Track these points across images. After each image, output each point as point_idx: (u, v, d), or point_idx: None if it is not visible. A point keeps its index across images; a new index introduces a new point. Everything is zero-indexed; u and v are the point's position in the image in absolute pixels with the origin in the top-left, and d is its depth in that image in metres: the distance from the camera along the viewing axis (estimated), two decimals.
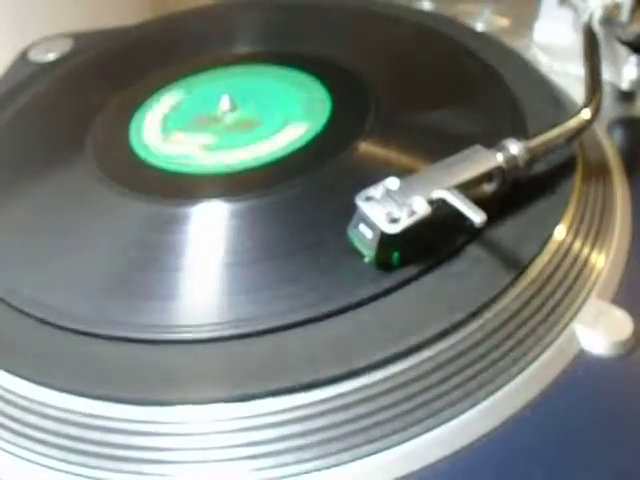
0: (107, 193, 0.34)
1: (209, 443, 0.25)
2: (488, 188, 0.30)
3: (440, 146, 0.31)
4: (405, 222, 0.27)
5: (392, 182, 0.28)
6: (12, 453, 0.27)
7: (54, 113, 0.42)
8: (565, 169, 0.32)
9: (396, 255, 0.28)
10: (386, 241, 0.27)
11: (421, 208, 0.27)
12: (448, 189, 0.28)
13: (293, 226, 0.31)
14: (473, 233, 0.29)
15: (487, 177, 0.29)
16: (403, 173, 0.29)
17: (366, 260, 0.28)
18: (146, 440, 0.26)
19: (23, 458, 0.27)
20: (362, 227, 0.28)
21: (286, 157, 0.34)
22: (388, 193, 0.28)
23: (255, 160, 0.34)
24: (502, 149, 0.30)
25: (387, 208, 0.27)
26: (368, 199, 0.28)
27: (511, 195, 0.31)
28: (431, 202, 0.27)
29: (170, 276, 0.30)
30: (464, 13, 0.49)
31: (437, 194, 0.28)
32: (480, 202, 0.27)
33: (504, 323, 0.27)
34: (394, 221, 0.27)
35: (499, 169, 0.29)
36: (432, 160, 0.30)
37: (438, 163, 0.29)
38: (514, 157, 0.29)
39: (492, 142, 0.30)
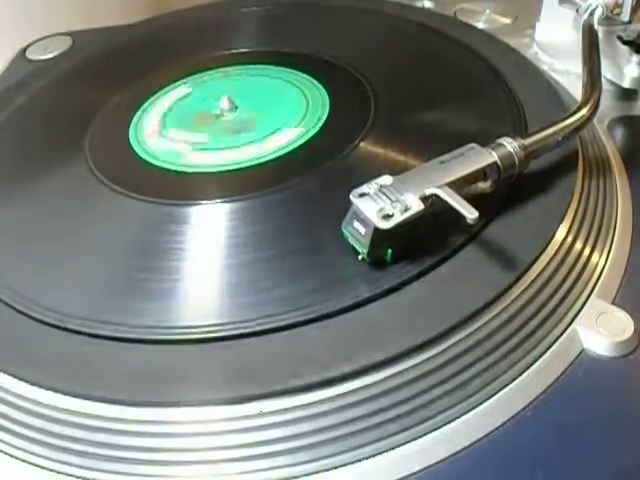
0: (106, 193, 0.34)
1: (206, 444, 0.25)
2: (483, 186, 0.30)
3: (440, 145, 0.30)
4: (398, 218, 0.27)
5: (386, 179, 0.28)
6: (8, 454, 0.27)
7: (52, 112, 0.42)
8: (566, 169, 0.32)
9: (389, 252, 0.28)
10: (379, 237, 0.27)
11: (414, 204, 0.27)
12: (441, 186, 0.28)
13: (292, 226, 0.31)
14: (473, 233, 0.29)
15: (482, 175, 0.29)
16: (403, 172, 0.29)
17: (360, 257, 0.28)
18: (143, 441, 0.26)
19: (19, 459, 0.27)
20: (356, 223, 0.28)
21: (285, 157, 0.34)
22: (382, 190, 0.28)
23: (254, 160, 0.34)
24: (497, 147, 0.30)
25: (380, 204, 0.27)
26: (362, 196, 0.28)
27: (511, 195, 0.30)
28: (424, 199, 0.27)
29: (168, 277, 0.30)
30: (465, 12, 0.49)
31: (430, 191, 0.28)
32: (480, 201, 0.27)
33: (505, 324, 0.27)
34: (387, 217, 0.27)
35: (494, 167, 0.29)
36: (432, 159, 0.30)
37: (432, 160, 0.29)
38: (509, 155, 0.29)
39: (492, 141, 0.30)
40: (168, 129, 0.38)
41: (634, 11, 0.39)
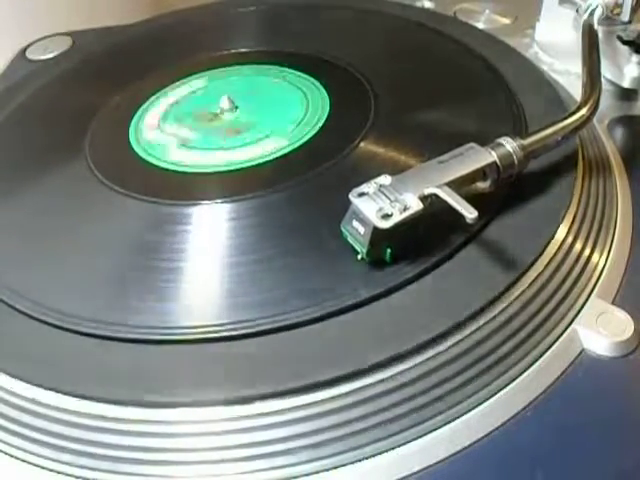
0: (106, 193, 0.34)
1: (207, 444, 0.25)
2: (483, 186, 0.30)
3: (440, 145, 0.30)
4: (397, 218, 0.27)
5: (385, 179, 0.28)
6: (9, 454, 0.27)
7: (53, 112, 0.42)
8: (565, 169, 0.32)
9: (389, 251, 0.28)
10: (378, 236, 0.27)
11: (413, 204, 0.27)
12: (440, 186, 0.28)
13: (291, 226, 0.31)
14: (473, 233, 0.29)
15: (481, 174, 0.29)
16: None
17: (359, 257, 0.28)
18: (144, 441, 0.26)
19: (19, 459, 0.27)
20: (355, 223, 0.28)
21: (285, 157, 0.34)
22: (381, 189, 0.28)
23: (254, 160, 0.34)
24: (496, 147, 0.30)
25: (380, 204, 0.27)
26: (361, 195, 0.28)
27: (511, 195, 0.30)
28: (424, 198, 0.27)
29: (168, 277, 0.30)
30: (465, 12, 0.49)
31: (429, 190, 0.28)
32: (480, 201, 0.27)
33: (504, 324, 0.27)
34: (386, 217, 0.27)
35: (493, 166, 0.29)
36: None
37: (431, 160, 0.29)
38: (509, 155, 0.29)
39: (491, 140, 0.30)
40: (168, 129, 0.38)
41: (634, 11, 0.39)
